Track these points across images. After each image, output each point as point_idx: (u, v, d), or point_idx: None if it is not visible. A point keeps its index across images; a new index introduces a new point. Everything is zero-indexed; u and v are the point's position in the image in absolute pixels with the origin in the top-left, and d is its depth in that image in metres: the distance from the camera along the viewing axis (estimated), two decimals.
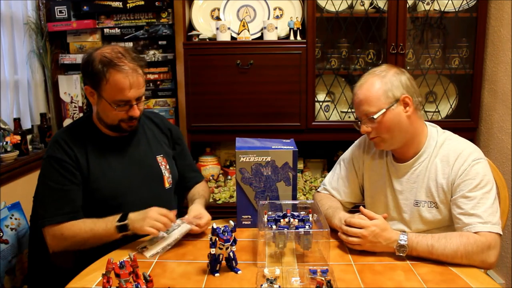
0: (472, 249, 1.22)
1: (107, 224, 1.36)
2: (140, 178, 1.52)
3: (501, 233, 1.27)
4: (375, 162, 1.51)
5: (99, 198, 1.45)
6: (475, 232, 1.25)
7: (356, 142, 1.61)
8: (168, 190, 1.59)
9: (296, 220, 1.30)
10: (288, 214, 1.32)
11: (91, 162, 1.45)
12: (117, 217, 1.36)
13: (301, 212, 1.36)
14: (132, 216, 1.35)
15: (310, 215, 1.30)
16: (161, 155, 1.60)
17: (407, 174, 1.42)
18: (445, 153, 1.37)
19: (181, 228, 1.37)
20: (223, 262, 1.19)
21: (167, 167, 1.60)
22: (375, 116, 1.34)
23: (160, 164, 1.58)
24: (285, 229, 1.27)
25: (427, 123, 1.45)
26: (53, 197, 1.42)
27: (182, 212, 1.70)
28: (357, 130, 1.43)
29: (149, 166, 1.55)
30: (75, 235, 1.38)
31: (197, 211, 1.47)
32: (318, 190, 1.64)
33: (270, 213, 1.36)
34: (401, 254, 1.25)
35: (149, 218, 1.32)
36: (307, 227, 1.27)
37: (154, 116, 1.69)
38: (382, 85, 1.35)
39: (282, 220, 1.31)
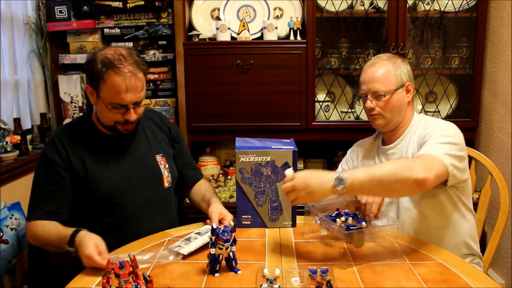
0: (410, 161, 1.31)
1: (60, 242, 1.32)
2: (139, 177, 1.51)
3: (445, 162, 1.27)
4: (367, 153, 1.66)
5: (98, 197, 1.45)
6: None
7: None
8: (167, 189, 1.59)
9: (350, 218, 1.30)
10: (342, 213, 1.31)
11: (88, 161, 1.45)
12: (68, 237, 1.29)
13: (345, 210, 1.35)
14: (78, 244, 1.26)
15: (357, 212, 1.32)
16: (160, 154, 1.59)
17: (394, 155, 1.54)
18: (420, 129, 1.49)
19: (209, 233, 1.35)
20: (223, 262, 1.18)
21: (167, 166, 1.59)
22: (385, 95, 1.47)
23: (159, 163, 1.57)
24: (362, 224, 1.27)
25: (415, 113, 1.58)
26: (37, 195, 1.44)
27: (182, 212, 1.70)
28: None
29: (148, 166, 1.55)
30: (36, 237, 1.40)
31: (218, 212, 1.46)
32: None
33: (320, 214, 1.33)
34: (340, 188, 1.15)
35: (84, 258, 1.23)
36: (363, 224, 1.28)
37: (153, 114, 1.68)
38: (393, 69, 1.50)
39: (338, 219, 1.29)
